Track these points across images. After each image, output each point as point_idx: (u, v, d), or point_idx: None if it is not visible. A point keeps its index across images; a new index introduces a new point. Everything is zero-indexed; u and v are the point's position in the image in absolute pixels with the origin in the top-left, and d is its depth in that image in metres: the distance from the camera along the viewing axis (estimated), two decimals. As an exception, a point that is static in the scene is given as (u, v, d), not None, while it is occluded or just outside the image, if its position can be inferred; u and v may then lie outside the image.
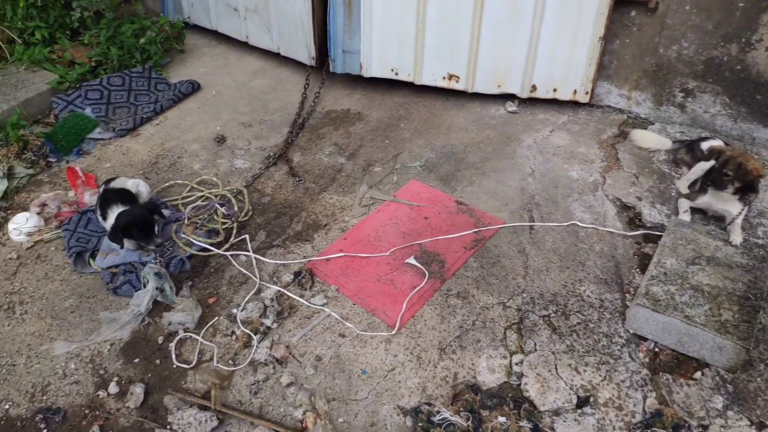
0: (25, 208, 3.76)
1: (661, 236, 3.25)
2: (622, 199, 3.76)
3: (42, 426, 2.56)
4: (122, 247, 3.24)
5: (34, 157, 4.19)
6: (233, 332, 2.93)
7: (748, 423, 2.49)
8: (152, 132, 4.57)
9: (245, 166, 4.19)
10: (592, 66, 4.43)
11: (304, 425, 2.50)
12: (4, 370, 2.80)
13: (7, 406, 2.65)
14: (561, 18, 4.27)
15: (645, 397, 2.60)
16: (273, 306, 3.03)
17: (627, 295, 3.10)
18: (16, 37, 4.95)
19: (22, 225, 3.55)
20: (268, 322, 2.96)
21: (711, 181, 3.41)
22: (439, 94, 4.96)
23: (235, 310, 3.04)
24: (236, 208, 3.69)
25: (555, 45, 4.40)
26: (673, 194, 3.79)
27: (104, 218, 3.32)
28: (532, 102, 4.78)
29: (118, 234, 3.18)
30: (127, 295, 3.11)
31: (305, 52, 5.19)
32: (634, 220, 3.61)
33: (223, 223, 3.54)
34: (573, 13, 4.23)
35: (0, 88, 4.59)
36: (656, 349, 2.81)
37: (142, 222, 3.18)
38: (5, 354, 2.88)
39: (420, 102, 4.93)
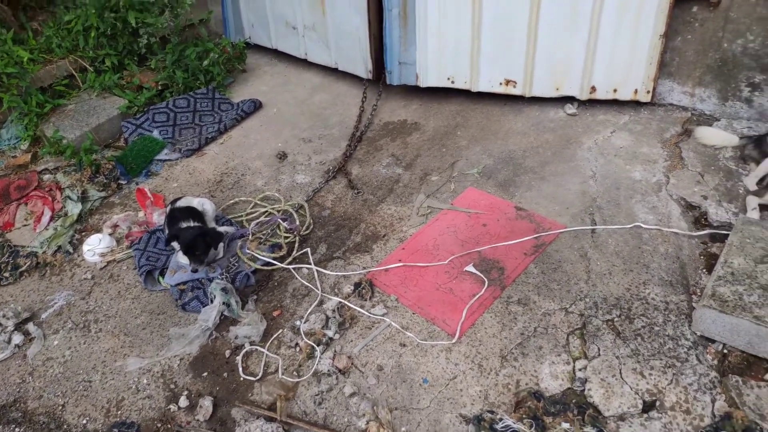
0: (98, 230, 3.99)
1: (728, 235, 3.11)
2: (686, 198, 3.61)
3: (118, 439, 2.70)
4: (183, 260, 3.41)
5: (105, 180, 4.44)
6: (297, 344, 3.01)
7: (827, 429, 2.36)
8: (217, 151, 4.76)
9: (306, 181, 4.30)
10: (653, 64, 4.28)
11: (367, 434, 2.54)
12: (81, 387, 2.98)
13: (84, 421, 2.81)
14: (620, 17, 4.16)
15: (714, 401, 2.51)
16: (335, 317, 3.09)
17: (693, 296, 2.99)
18: (87, 66, 5.25)
19: (95, 246, 3.78)
20: (330, 333, 3.02)
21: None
22: (497, 100, 4.92)
23: (298, 322, 3.12)
24: (298, 222, 3.79)
25: (614, 44, 4.29)
26: (740, 192, 3.61)
27: None
28: (592, 103, 4.67)
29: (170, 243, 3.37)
30: (195, 310, 3.25)
31: (362, 66, 5.28)
32: (699, 219, 3.47)
33: (286, 238, 3.65)
34: (633, 11, 4.11)
35: (74, 116, 4.89)
36: (725, 351, 2.70)
37: (192, 244, 3.29)
38: (82, 371, 3.06)
39: (477, 109, 4.91)
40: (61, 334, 3.30)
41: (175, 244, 3.41)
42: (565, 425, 2.47)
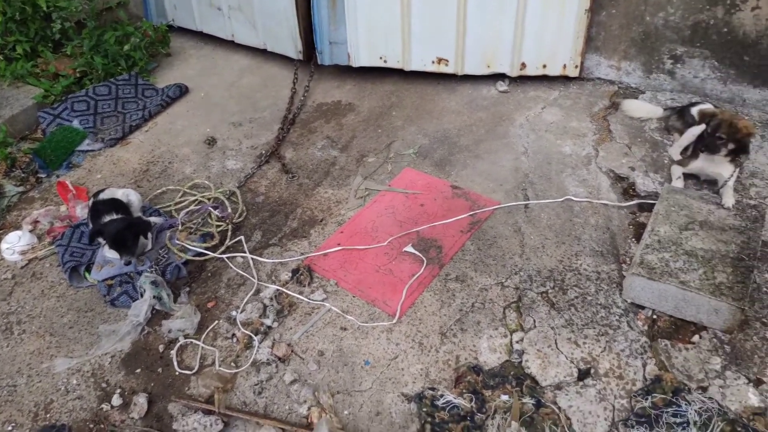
0: (17, 227, 3.75)
1: (654, 205, 3.23)
2: (615, 170, 3.73)
3: (48, 444, 2.57)
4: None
5: (23, 174, 4.18)
6: (234, 335, 2.93)
7: (746, 381, 2.51)
8: (142, 139, 4.56)
9: (237, 167, 4.18)
10: (579, 39, 4.38)
11: (309, 420, 2.51)
12: (6, 392, 2.80)
13: (10, 428, 2.65)
14: (546, -8, 4.23)
15: (645, 365, 2.61)
16: (272, 305, 3.02)
17: (623, 265, 3.09)
18: (-4, 53, 4.92)
19: (15, 244, 3.55)
20: (268, 321, 2.96)
21: (704, 146, 3.37)
22: (430, 80, 4.92)
23: (234, 313, 3.04)
24: (230, 210, 3.68)
25: (542, 20, 4.35)
26: (665, 162, 3.76)
27: None
28: (523, 80, 4.74)
29: (95, 239, 3.22)
30: (124, 306, 3.11)
31: (292, 47, 5.15)
32: (628, 190, 3.59)
33: (218, 226, 3.53)
34: (558, -14, 4.19)
35: (-16, 107, 4.58)
36: (654, 317, 2.81)
37: (120, 236, 3.15)
38: (5, 375, 2.88)
39: (411, 89, 4.89)
40: (-20, 338, 3.10)
41: (100, 240, 3.25)
42: (504, 397, 2.51)
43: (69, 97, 4.75)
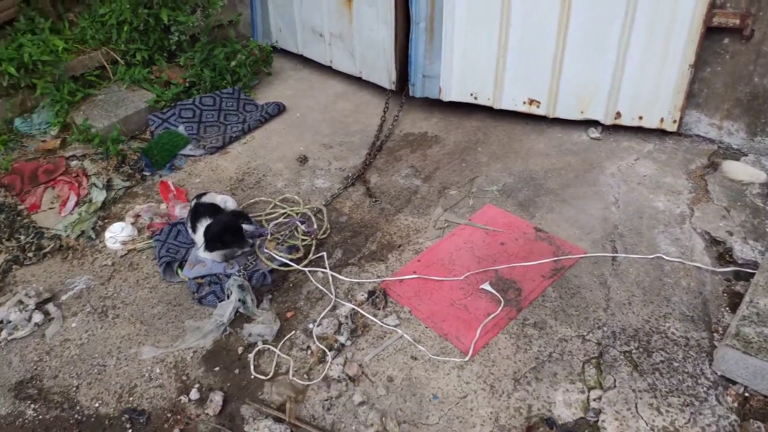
0: (121, 218, 4.02)
1: (753, 274, 3.07)
2: (711, 232, 3.58)
3: (127, 426, 2.70)
4: (217, 254, 3.43)
5: (130, 171, 4.48)
6: (309, 347, 3.00)
7: None
8: (240, 151, 4.79)
9: (325, 186, 4.31)
10: (680, 94, 4.27)
11: (374, 445, 2.52)
12: (96, 370, 2.99)
13: (97, 404, 2.82)
14: (649, 44, 4.16)
15: (733, 445, 2.45)
16: (347, 323, 3.07)
17: (715, 334, 2.93)
18: (119, 58, 5.32)
19: (117, 234, 3.81)
20: (342, 339, 3.01)
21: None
22: (518, 119, 4.92)
23: (311, 325, 3.11)
24: (315, 226, 3.80)
25: (641, 71, 4.28)
26: (767, 230, 3.57)
27: (194, 230, 3.50)
28: (616, 129, 4.65)
29: (215, 243, 3.35)
30: (211, 305, 3.26)
31: (386, 77, 5.30)
32: (723, 255, 3.42)
33: (303, 240, 3.65)
34: (661, 39, 4.11)
35: (103, 106, 4.95)
36: (746, 394, 2.63)
37: (233, 227, 3.37)
38: (97, 355, 3.08)
39: (498, 126, 4.91)
40: (79, 317, 3.32)
41: (198, 238, 3.44)
42: (576, 453, 2.44)
43: (177, 104, 5.06)
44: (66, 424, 2.74)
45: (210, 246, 3.36)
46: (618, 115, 4.54)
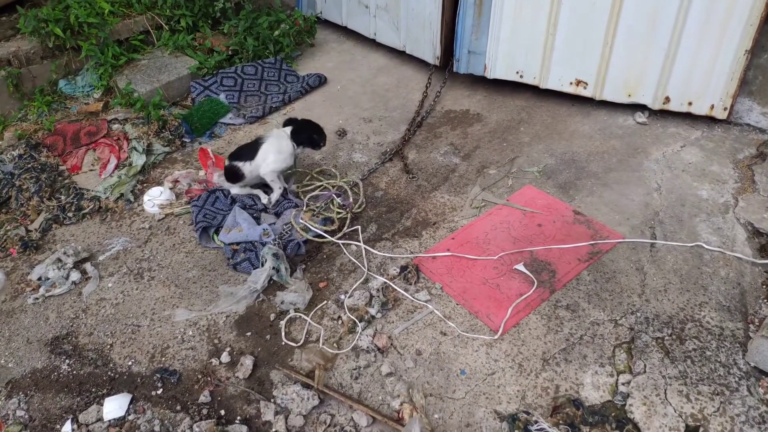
0: (160, 183, 4.11)
1: (797, 268, 2.98)
2: (754, 224, 3.46)
3: (159, 385, 2.79)
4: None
5: (171, 136, 4.55)
6: (339, 317, 3.03)
7: None
8: (279, 121, 4.81)
9: (362, 160, 4.31)
10: (734, 80, 4.10)
11: (400, 416, 2.55)
12: (130, 330, 3.08)
13: (130, 363, 2.91)
14: (704, 28, 4.00)
15: (763, 437, 2.41)
16: (378, 296, 3.10)
17: (751, 326, 2.87)
18: (163, 24, 5.36)
19: (156, 198, 3.89)
20: (372, 311, 3.03)
21: None
22: (564, 100, 4.81)
23: (342, 297, 3.14)
24: (351, 200, 3.81)
25: (695, 55, 4.12)
26: (816, 224, 3.44)
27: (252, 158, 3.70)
28: (663, 114, 4.51)
29: (303, 135, 3.76)
30: (245, 271, 3.31)
31: (430, 51, 5.24)
32: (766, 247, 3.32)
33: (338, 213, 3.67)
34: (719, 23, 3.94)
35: (146, 71, 5.01)
36: (780, 387, 2.58)
37: (320, 129, 3.80)
38: (132, 315, 3.17)
39: (543, 106, 4.81)
40: (115, 277, 3.42)
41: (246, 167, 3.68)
42: (603, 436, 2.42)
43: (219, 72, 5.10)
44: (99, 380, 2.84)
45: (297, 138, 3.72)
46: (667, 100, 4.40)
